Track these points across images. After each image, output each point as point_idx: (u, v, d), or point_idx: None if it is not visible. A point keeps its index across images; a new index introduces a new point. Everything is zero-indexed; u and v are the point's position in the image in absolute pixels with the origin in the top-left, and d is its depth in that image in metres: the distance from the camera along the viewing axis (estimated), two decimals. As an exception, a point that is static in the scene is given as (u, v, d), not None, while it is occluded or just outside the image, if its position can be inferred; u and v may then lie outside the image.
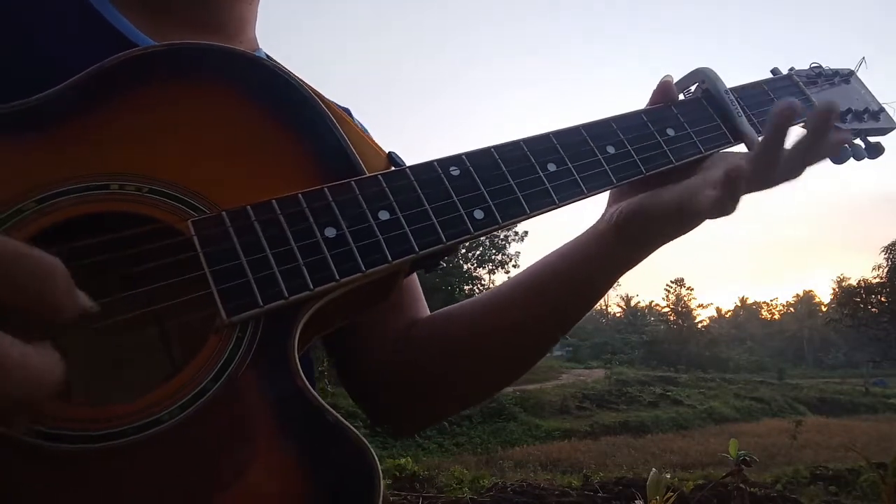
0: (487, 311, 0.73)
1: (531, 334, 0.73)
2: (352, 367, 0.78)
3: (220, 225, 0.49)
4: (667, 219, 0.66)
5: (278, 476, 0.44)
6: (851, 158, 0.85)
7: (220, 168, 0.52)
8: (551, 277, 0.71)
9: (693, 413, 19.84)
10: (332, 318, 0.58)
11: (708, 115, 0.73)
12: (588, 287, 0.71)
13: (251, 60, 0.57)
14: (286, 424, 0.46)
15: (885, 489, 4.80)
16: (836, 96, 0.86)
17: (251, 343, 0.47)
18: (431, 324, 0.76)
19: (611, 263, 0.70)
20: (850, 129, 0.84)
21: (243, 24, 0.75)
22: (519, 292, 0.73)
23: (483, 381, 0.77)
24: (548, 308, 0.71)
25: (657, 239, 0.69)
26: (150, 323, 0.50)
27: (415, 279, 0.79)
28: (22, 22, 0.60)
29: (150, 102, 0.52)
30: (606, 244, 0.69)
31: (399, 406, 0.78)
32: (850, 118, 0.84)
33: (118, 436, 0.42)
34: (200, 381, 0.45)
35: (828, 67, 0.88)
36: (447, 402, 0.79)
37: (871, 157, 0.86)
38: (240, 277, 0.48)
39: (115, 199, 0.48)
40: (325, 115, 0.57)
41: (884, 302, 32.57)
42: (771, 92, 0.80)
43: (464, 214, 0.57)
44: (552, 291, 0.71)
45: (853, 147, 0.85)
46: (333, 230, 0.52)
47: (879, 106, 0.89)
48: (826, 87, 0.86)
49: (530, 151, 0.62)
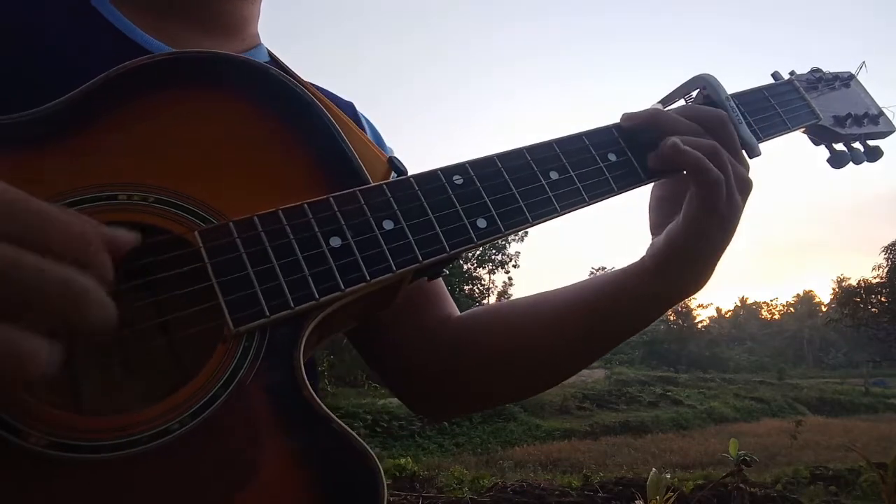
0: (523, 326, 0.75)
1: (565, 358, 0.75)
2: (387, 364, 0.81)
3: (228, 235, 0.50)
4: (690, 243, 0.66)
5: (285, 483, 0.45)
6: (851, 163, 0.86)
7: (226, 177, 0.53)
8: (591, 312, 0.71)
9: (693, 413, 19.82)
10: (336, 324, 0.59)
11: None
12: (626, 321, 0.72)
13: (256, 69, 0.58)
14: (293, 432, 0.46)
15: (885, 489, 4.81)
16: (836, 100, 0.86)
17: (258, 352, 0.48)
18: (465, 328, 0.78)
19: (651, 296, 0.69)
20: (850, 134, 0.85)
21: (245, 22, 0.75)
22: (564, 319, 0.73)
23: (512, 391, 0.80)
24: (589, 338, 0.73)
25: (699, 259, 0.68)
26: (158, 333, 0.51)
27: (439, 279, 0.80)
28: (25, 23, 0.60)
29: (155, 112, 0.53)
30: (641, 282, 0.69)
31: (434, 399, 0.82)
32: (849, 123, 0.85)
33: (131, 445, 0.42)
34: (210, 389, 0.46)
35: (828, 72, 0.89)
36: (475, 402, 0.84)
37: (870, 160, 0.86)
38: (247, 288, 0.48)
39: (123, 210, 0.49)
40: (329, 123, 0.58)
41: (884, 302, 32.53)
42: (771, 98, 0.80)
43: (467, 224, 0.58)
44: (596, 326, 0.72)
45: (852, 151, 0.86)
46: (338, 240, 0.52)
47: (879, 110, 0.89)
48: (826, 92, 0.86)
49: (533, 160, 0.63)
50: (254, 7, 0.77)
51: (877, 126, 0.87)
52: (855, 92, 0.89)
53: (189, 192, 0.51)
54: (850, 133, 0.85)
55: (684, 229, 0.65)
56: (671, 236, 0.66)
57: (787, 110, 0.80)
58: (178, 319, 0.49)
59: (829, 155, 0.86)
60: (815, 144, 0.86)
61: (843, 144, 0.86)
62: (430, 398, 0.81)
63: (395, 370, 0.81)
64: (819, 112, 0.82)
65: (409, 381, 0.81)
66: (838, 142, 0.86)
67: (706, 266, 0.68)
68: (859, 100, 0.89)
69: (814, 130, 0.84)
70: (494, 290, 35.92)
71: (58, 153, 0.49)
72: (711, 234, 0.65)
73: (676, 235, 0.66)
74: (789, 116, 0.79)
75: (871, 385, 30.55)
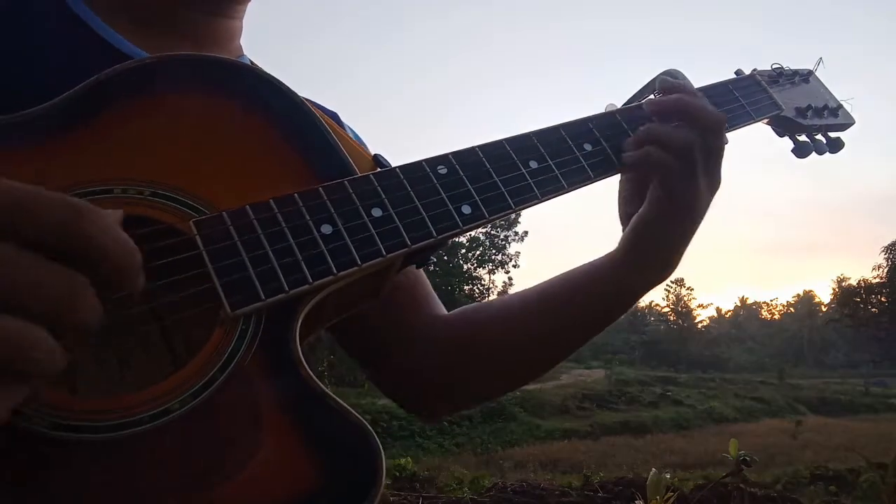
0: (508, 322, 0.78)
1: (551, 347, 0.78)
2: (377, 364, 0.83)
3: (221, 224, 0.51)
4: (653, 232, 0.71)
5: (285, 459, 0.46)
6: (814, 153, 0.90)
7: (218, 172, 0.55)
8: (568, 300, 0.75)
9: (693, 413, 19.85)
10: (328, 314, 0.60)
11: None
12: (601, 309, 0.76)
13: (243, 69, 0.60)
14: (292, 410, 0.48)
15: (885, 489, 4.81)
16: (796, 94, 0.90)
17: (255, 335, 0.49)
18: (453, 327, 0.80)
19: (622, 284, 0.74)
20: (811, 125, 0.88)
21: (229, 36, 0.78)
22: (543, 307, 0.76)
23: (501, 384, 0.83)
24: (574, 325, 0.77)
25: (668, 247, 0.72)
26: (153, 319, 0.52)
27: (425, 279, 0.83)
28: (12, 32, 0.62)
29: (147, 111, 0.55)
30: (612, 270, 0.73)
31: (423, 398, 0.83)
32: (810, 114, 0.88)
33: (133, 424, 0.44)
34: (208, 371, 0.47)
35: (788, 68, 0.92)
36: (464, 400, 0.86)
37: (833, 151, 0.90)
38: (242, 272, 0.50)
39: (119, 203, 0.50)
40: (316, 119, 0.60)
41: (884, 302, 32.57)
42: (735, 91, 0.83)
43: (452, 209, 0.60)
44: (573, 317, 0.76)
45: (815, 142, 0.90)
46: (329, 227, 0.54)
47: (837, 103, 0.93)
48: (787, 87, 0.90)
49: (512, 150, 0.66)
50: (237, 22, 0.79)
51: (836, 118, 0.91)
52: (814, 87, 0.93)
53: (183, 185, 0.53)
54: (812, 124, 0.88)
55: (648, 212, 0.70)
56: (637, 222, 0.71)
57: (750, 102, 0.83)
58: (174, 305, 0.50)
59: (794, 146, 0.89)
60: (779, 136, 0.89)
61: (805, 136, 0.90)
62: (420, 397, 0.83)
63: (384, 370, 0.83)
64: (781, 104, 0.86)
65: (397, 381, 0.83)
66: (801, 133, 0.89)
67: (674, 248, 0.72)
68: (819, 94, 0.92)
69: (777, 122, 0.87)
70: (494, 290, 35.98)
71: (53, 151, 0.51)
72: (676, 213, 0.69)
73: (640, 220, 0.71)
74: (753, 108, 0.82)
75: (871, 385, 30.57)
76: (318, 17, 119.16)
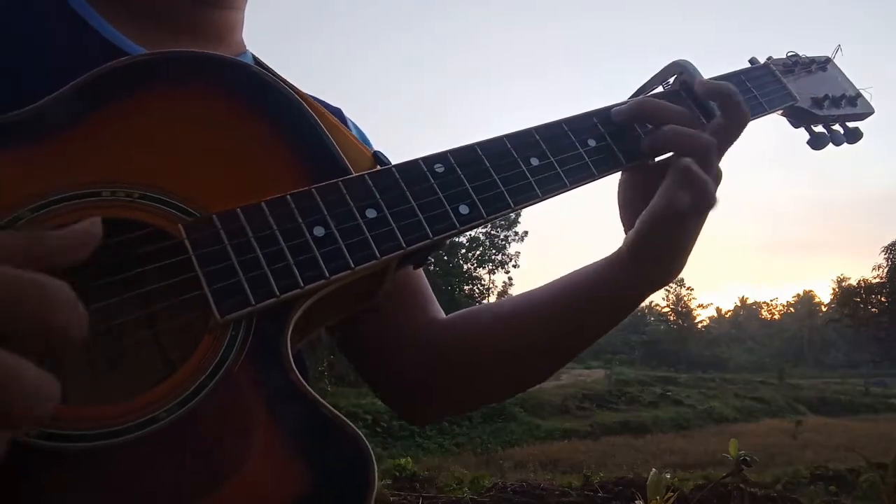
0: (508, 329, 0.75)
1: (552, 354, 0.76)
2: (371, 367, 0.81)
3: (211, 227, 0.50)
4: (662, 230, 0.67)
5: (275, 468, 0.45)
6: (830, 144, 0.86)
7: (209, 173, 0.53)
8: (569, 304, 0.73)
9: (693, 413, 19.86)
10: (322, 317, 0.59)
11: (686, 107, 0.73)
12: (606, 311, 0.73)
13: (237, 66, 0.58)
14: (282, 417, 0.47)
15: (885, 489, 4.80)
16: (813, 83, 0.86)
17: (245, 341, 0.48)
18: (448, 331, 0.78)
19: (628, 286, 0.71)
20: (828, 115, 0.85)
21: (229, 29, 0.76)
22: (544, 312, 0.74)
23: (500, 391, 0.82)
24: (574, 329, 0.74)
25: (672, 248, 0.69)
26: (143, 325, 0.51)
27: (425, 280, 0.81)
28: (11, 30, 0.60)
29: (138, 110, 0.53)
30: (618, 272, 0.70)
31: (416, 402, 0.82)
32: (827, 104, 0.85)
33: (119, 433, 0.43)
34: (196, 378, 0.46)
35: (804, 56, 0.89)
36: (458, 405, 0.85)
37: (850, 142, 0.87)
38: (231, 277, 0.49)
39: (107, 206, 0.49)
40: (310, 117, 0.58)
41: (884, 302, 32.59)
42: (748, 81, 0.80)
43: (449, 210, 0.58)
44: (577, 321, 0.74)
45: (832, 133, 0.86)
46: (322, 229, 0.53)
47: (856, 92, 0.89)
48: (803, 76, 0.86)
49: (513, 147, 0.64)
50: (238, 14, 0.77)
51: (855, 108, 0.87)
52: (832, 75, 0.89)
53: (174, 188, 0.52)
54: (829, 114, 0.84)
55: (662, 206, 0.65)
56: (648, 217, 0.67)
57: (763, 93, 0.80)
58: (163, 311, 0.49)
59: (809, 137, 0.86)
60: (794, 127, 0.86)
61: (822, 126, 0.86)
62: (413, 401, 0.81)
63: (378, 373, 0.81)
64: (796, 94, 0.82)
65: (391, 384, 0.81)
66: (817, 123, 0.85)
67: (680, 249, 0.69)
68: (836, 82, 0.88)
69: (792, 112, 0.84)
70: (494, 290, 36.00)
71: (41, 152, 0.50)
72: (684, 212, 0.65)
73: (652, 216, 0.66)
74: (766, 99, 0.79)
75: (871, 385, 30.57)
76: (318, 17, 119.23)
